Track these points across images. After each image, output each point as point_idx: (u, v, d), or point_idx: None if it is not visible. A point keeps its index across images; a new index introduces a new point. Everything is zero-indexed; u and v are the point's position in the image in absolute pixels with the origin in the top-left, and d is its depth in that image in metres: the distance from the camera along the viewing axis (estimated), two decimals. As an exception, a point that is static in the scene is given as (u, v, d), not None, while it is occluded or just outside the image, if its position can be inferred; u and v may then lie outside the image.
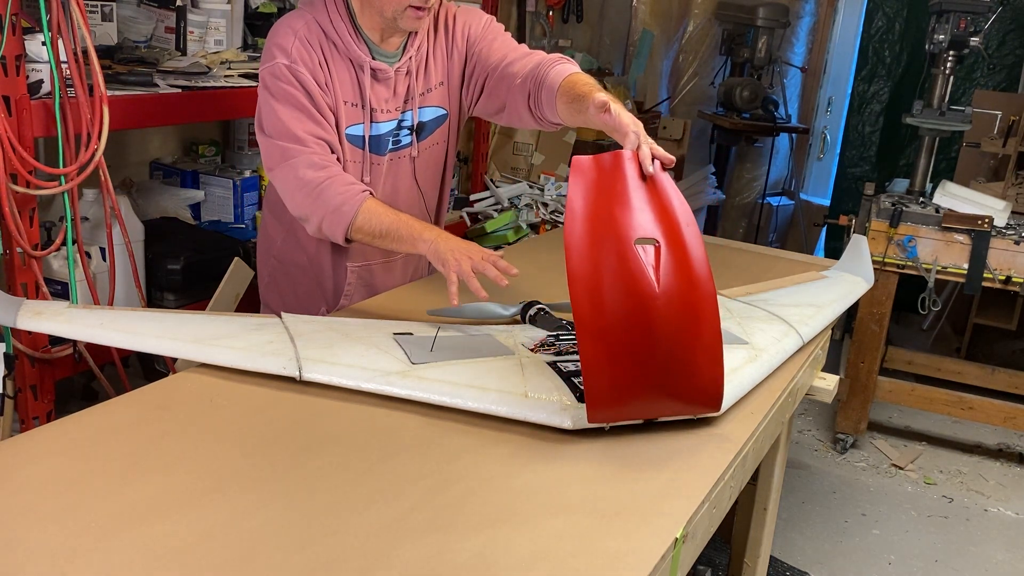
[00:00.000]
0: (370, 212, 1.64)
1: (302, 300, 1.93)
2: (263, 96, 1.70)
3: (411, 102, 1.80)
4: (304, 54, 1.67)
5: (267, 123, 1.69)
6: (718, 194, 4.91)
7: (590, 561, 1.01)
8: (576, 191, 1.27)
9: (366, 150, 1.78)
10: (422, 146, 1.86)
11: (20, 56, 1.77)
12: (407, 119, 1.82)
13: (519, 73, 1.76)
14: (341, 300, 1.91)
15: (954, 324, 4.36)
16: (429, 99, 1.84)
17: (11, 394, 1.87)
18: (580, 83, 1.64)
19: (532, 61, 1.76)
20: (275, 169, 1.69)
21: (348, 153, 1.76)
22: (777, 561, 2.63)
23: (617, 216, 1.27)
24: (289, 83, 1.66)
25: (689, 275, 1.24)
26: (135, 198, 2.45)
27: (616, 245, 1.24)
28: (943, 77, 3.21)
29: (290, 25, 1.69)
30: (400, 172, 1.86)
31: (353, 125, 1.75)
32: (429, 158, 1.90)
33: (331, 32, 1.70)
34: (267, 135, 1.69)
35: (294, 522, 1.04)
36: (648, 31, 4.97)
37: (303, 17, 1.70)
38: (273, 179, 1.71)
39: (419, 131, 1.84)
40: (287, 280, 1.94)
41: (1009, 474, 3.33)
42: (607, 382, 1.22)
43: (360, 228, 1.65)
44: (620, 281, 1.22)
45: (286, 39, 1.67)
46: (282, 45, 1.67)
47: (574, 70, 1.71)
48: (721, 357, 1.26)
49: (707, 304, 1.24)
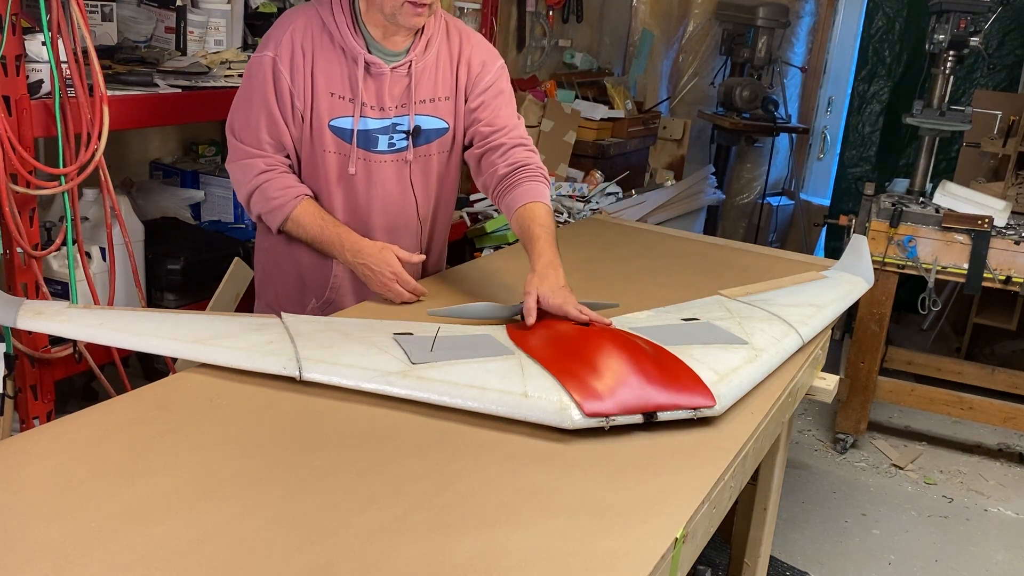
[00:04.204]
0: (298, 219, 1.81)
1: (292, 293, 1.95)
2: (242, 85, 1.82)
3: (408, 107, 1.82)
4: (290, 49, 1.75)
5: (236, 119, 1.82)
6: (718, 194, 4.91)
7: (590, 561, 1.01)
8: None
9: (354, 144, 1.81)
10: (418, 152, 1.88)
11: (20, 56, 1.77)
12: (403, 122, 1.83)
13: (498, 166, 1.87)
14: (327, 293, 1.92)
15: (954, 324, 4.36)
16: (431, 108, 1.86)
17: (11, 394, 1.87)
18: (533, 224, 1.76)
19: (512, 160, 1.86)
20: (231, 164, 1.84)
21: (331, 144, 1.80)
22: (777, 561, 2.63)
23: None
24: (264, 78, 1.76)
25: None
26: (135, 198, 2.45)
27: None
28: (943, 77, 3.21)
29: (291, 18, 1.79)
30: (397, 174, 1.88)
31: (340, 118, 1.79)
32: (425, 166, 1.91)
33: (330, 23, 1.76)
34: (231, 130, 1.82)
35: (294, 522, 1.04)
36: (648, 31, 4.97)
37: (306, 12, 1.78)
38: (228, 169, 1.85)
39: (415, 136, 1.86)
40: (278, 272, 1.96)
41: (1009, 474, 3.33)
42: (579, 373, 1.36)
43: (290, 230, 1.83)
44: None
45: (280, 31, 1.77)
46: (276, 38, 1.77)
47: (534, 198, 1.80)
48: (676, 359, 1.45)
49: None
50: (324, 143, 1.80)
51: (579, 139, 3.99)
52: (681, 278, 2.07)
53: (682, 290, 2.02)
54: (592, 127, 4.05)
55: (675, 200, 4.35)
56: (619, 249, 2.14)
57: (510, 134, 1.89)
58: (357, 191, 1.85)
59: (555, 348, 1.45)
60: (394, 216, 1.91)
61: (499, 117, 1.90)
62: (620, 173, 4.03)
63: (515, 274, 2.07)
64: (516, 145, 1.88)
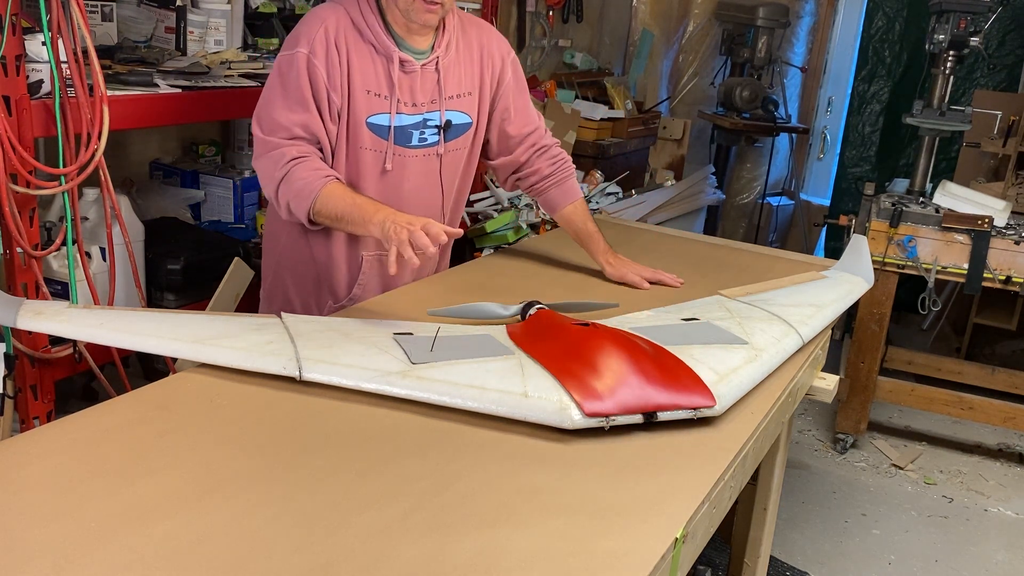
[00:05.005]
0: (328, 195, 1.70)
1: (308, 295, 1.95)
2: (272, 82, 1.77)
3: (439, 102, 1.85)
4: (325, 47, 1.74)
5: (263, 114, 1.77)
6: (718, 194, 4.91)
7: (590, 561, 1.01)
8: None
9: (391, 140, 1.83)
10: (448, 146, 1.92)
11: (20, 56, 1.77)
12: (434, 118, 1.86)
13: (540, 166, 2.08)
14: (354, 290, 1.93)
15: (954, 324, 4.36)
16: (458, 104, 1.90)
17: (11, 394, 1.87)
18: (587, 220, 2.11)
19: (551, 160, 2.09)
20: (258, 159, 1.78)
21: (367, 141, 1.81)
22: (777, 561, 2.63)
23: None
24: (300, 74, 1.73)
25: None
26: (135, 198, 2.45)
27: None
28: (943, 77, 3.21)
29: (320, 16, 1.77)
30: (428, 169, 1.91)
31: (376, 115, 1.80)
32: (453, 160, 1.96)
33: (359, 21, 1.77)
34: (259, 126, 1.78)
35: (294, 522, 1.04)
36: (648, 31, 4.97)
37: (335, 10, 1.78)
38: (255, 167, 1.80)
39: (446, 130, 1.89)
40: (293, 275, 1.96)
41: (1009, 474, 3.33)
42: (579, 372, 1.36)
43: (319, 211, 1.72)
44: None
45: (313, 28, 1.75)
46: (308, 35, 1.75)
47: (576, 197, 2.11)
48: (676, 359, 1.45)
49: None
50: (361, 140, 1.81)
51: (579, 139, 3.99)
52: (681, 278, 2.07)
53: (682, 290, 2.02)
54: (592, 127, 4.05)
55: (675, 200, 4.35)
56: (619, 249, 2.14)
57: (543, 136, 2.08)
58: (391, 186, 1.88)
59: (555, 348, 1.45)
60: (422, 211, 1.93)
61: (527, 116, 2.04)
62: (620, 173, 4.03)
63: (515, 274, 2.08)
64: (551, 144, 2.09)
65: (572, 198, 2.10)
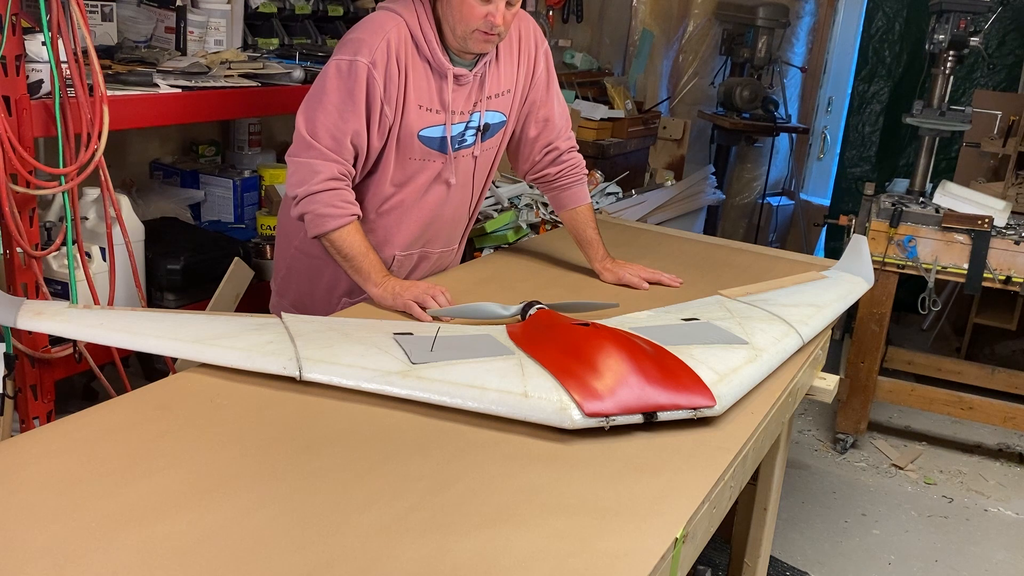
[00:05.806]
0: (347, 234, 1.75)
1: (322, 291, 1.96)
2: (327, 84, 1.73)
3: (480, 104, 1.86)
4: (386, 61, 1.71)
5: (313, 115, 1.73)
6: (718, 194, 4.91)
7: (590, 561, 1.01)
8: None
9: (449, 154, 1.86)
10: (484, 146, 1.93)
11: (20, 56, 1.77)
12: (475, 120, 1.87)
13: (555, 167, 2.09)
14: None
15: (954, 324, 4.36)
16: (495, 104, 1.91)
17: (11, 394, 1.87)
18: (587, 228, 2.10)
19: (569, 165, 2.09)
20: (295, 157, 1.75)
21: (418, 152, 1.82)
22: (777, 561, 2.63)
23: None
24: (359, 84, 1.71)
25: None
26: (135, 198, 2.45)
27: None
28: (943, 77, 3.21)
29: (384, 27, 1.73)
30: (464, 169, 1.93)
31: (430, 127, 1.80)
32: (486, 159, 1.98)
33: (419, 36, 1.75)
34: (305, 124, 1.74)
35: (294, 522, 1.04)
36: (648, 31, 4.97)
37: (396, 22, 1.74)
38: (288, 161, 1.77)
39: (484, 131, 1.91)
40: (307, 272, 1.97)
41: (1009, 474, 3.33)
42: (578, 371, 1.36)
43: (332, 241, 1.76)
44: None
45: (376, 39, 1.72)
46: (371, 45, 1.71)
47: (582, 201, 2.11)
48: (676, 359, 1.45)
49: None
50: (411, 151, 1.82)
51: (579, 139, 3.94)
52: (681, 278, 2.07)
53: (682, 290, 2.02)
54: (592, 127, 4.05)
55: (675, 200, 4.35)
56: (619, 249, 2.14)
57: (560, 137, 2.07)
58: (441, 192, 1.91)
59: (555, 348, 1.45)
60: (455, 211, 1.98)
61: (548, 113, 2.03)
62: (620, 173, 4.03)
63: (515, 274, 2.08)
64: (565, 148, 2.09)
65: (576, 203, 2.11)
